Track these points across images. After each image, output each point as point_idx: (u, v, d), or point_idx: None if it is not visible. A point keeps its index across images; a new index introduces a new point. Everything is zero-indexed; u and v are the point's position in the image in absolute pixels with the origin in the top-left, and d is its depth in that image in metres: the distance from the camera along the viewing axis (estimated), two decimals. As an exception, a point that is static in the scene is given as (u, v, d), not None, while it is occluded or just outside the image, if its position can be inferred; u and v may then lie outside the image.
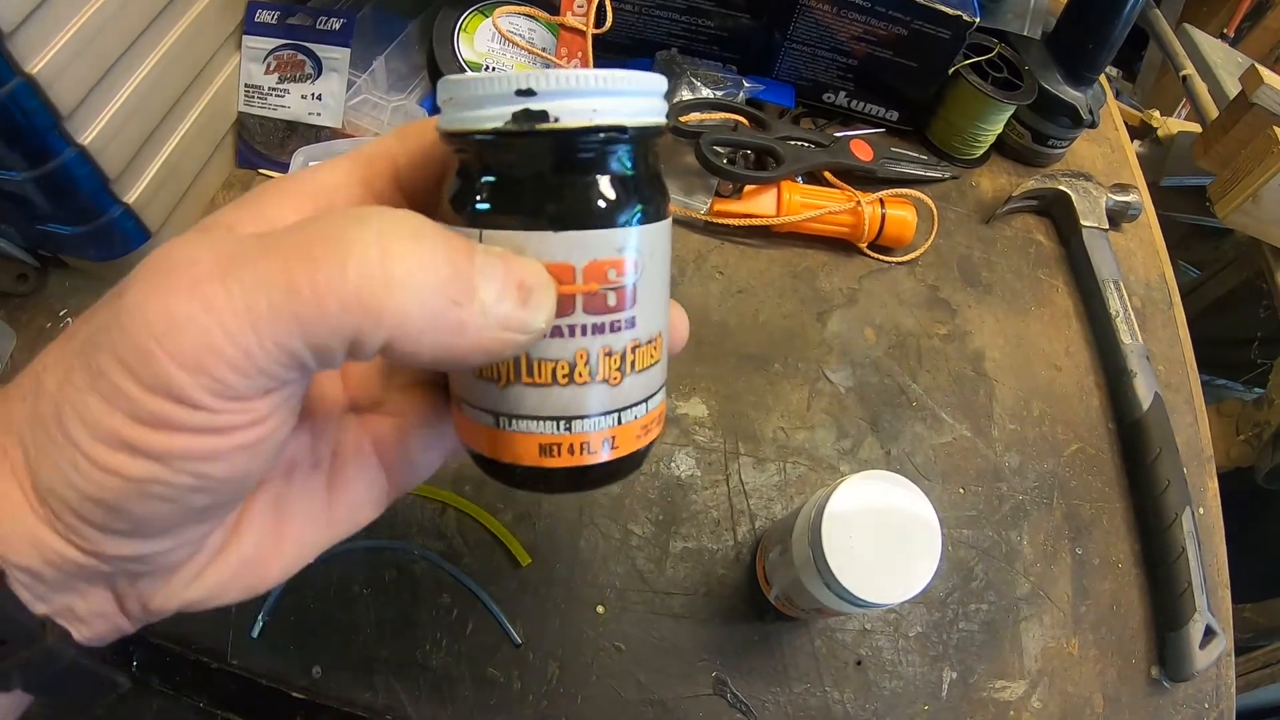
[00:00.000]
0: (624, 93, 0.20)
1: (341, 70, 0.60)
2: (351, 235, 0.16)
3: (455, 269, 0.17)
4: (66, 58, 0.45)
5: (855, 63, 0.65)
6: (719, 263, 0.61)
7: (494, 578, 0.50)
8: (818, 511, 0.43)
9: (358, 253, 0.16)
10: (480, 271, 0.17)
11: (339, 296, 0.16)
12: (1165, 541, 0.57)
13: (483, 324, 0.17)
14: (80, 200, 0.53)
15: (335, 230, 0.16)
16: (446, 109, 0.21)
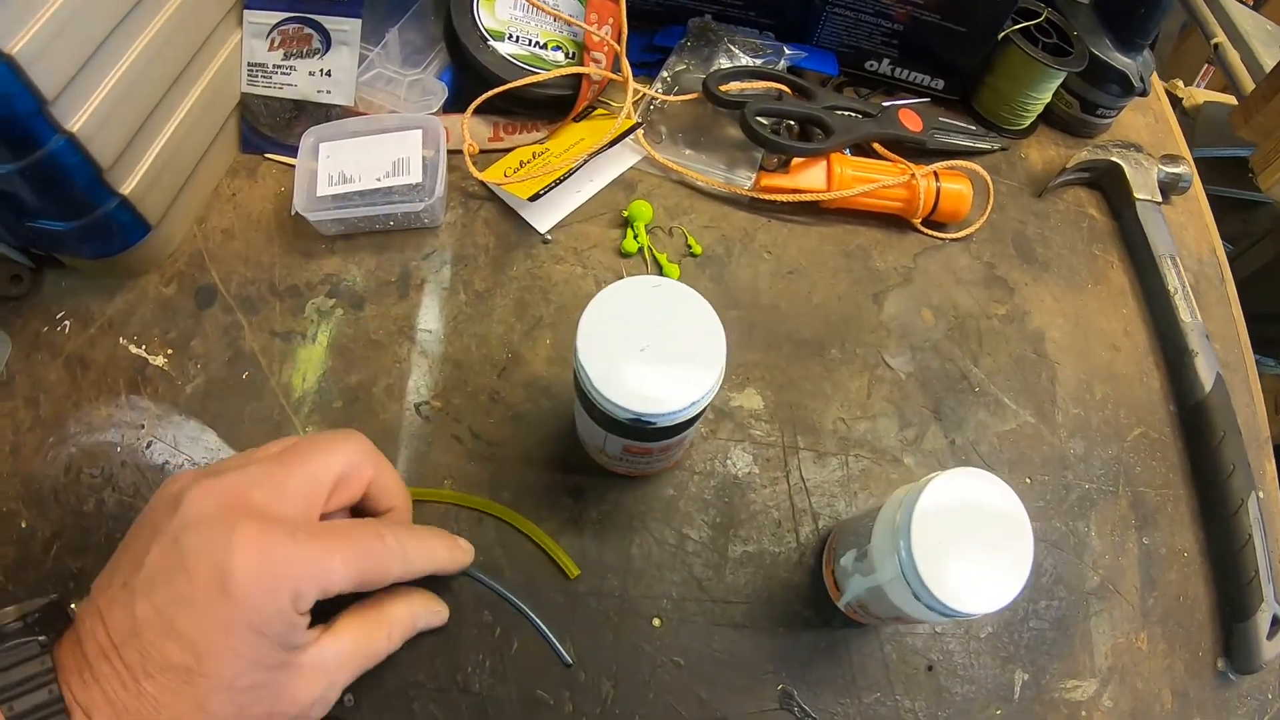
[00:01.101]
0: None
1: (352, 44, 0.55)
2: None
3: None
4: (48, 35, 0.41)
5: (900, 28, 0.61)
6: (767, 241, 0.57)
7: (540, 592, 0.46)
8: (904, 515, 0.39)
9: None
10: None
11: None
12: (1231, 529, 0.54)
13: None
14: (72, 192, 0.48)
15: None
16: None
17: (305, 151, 0.54)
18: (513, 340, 0.52)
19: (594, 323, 0.38)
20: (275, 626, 0.32)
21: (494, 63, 0.54)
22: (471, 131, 0.55)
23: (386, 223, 0.54)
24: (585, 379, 0.38)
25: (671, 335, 0.38)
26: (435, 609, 0.43)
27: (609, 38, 0.55)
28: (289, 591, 0.32)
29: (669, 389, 0.37)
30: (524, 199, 0.52)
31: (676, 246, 0.56)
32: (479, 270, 0.54)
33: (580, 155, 0.53)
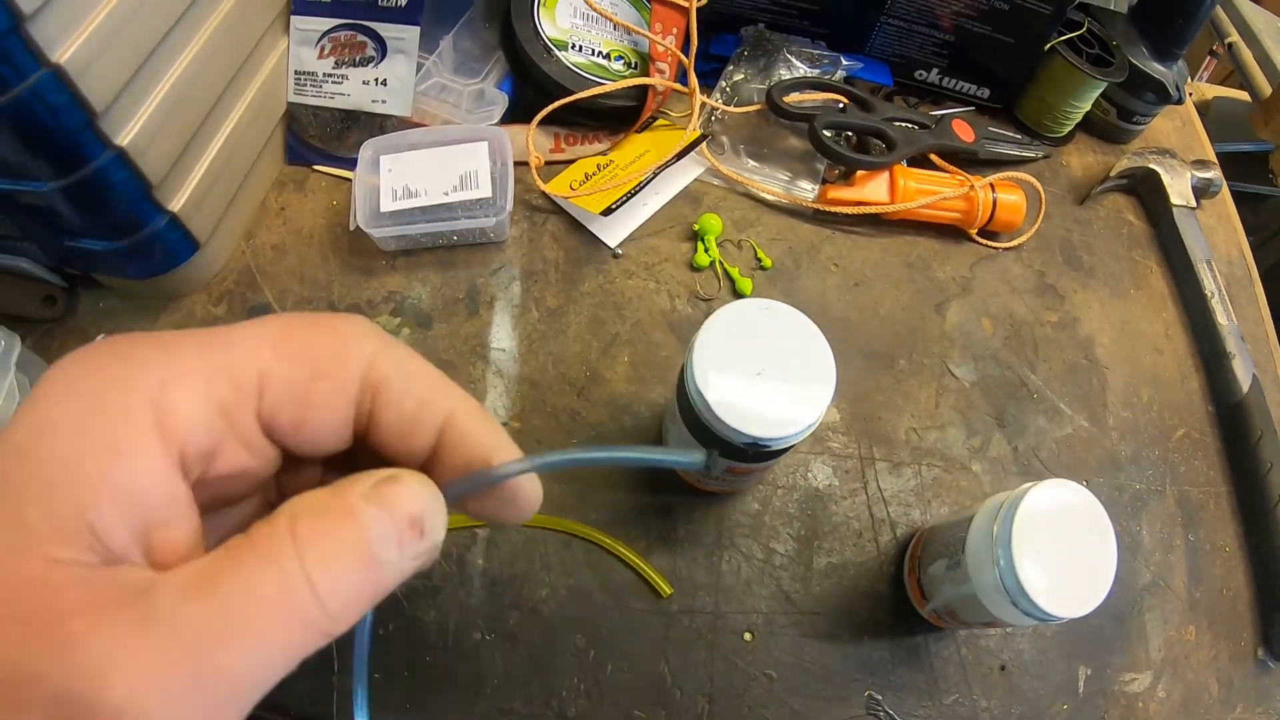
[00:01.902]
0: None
1: (410, 52, 0.53)
2: (297, 603, 0.17)
3: (362, 562, 0.18)
4: (99, 43, 0.39)
5: (951, 39, 0.61)
6: (833, 254, 0.57)
7: (633, 612, 0.46)
8: (1003, 527, 0.40)
9: (306, 612, 0.17)
10: (377, 544, 0.18)
11: (301, 644, 0.17)
12: (1270, 524, 0.57)
13: (397, 574, 0.18)
14: (119, 211, 0.46)
15: (280, 598, 0.17)
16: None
17: (364, 164, 0.52)
18: (590, 358, 0.51)
19: (708, 347, 0.38)
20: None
21: (559, 73, 0.53)
22: (534, 142, 0.54)
23: (450, 238, 0.53)
24: (703, 405, 0.38)
25: (782, 357, 0.39)
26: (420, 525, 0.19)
27: (674, 47, 0.54)
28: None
29: (786, 412, 0.37)
30: (595, 213, 0.51)
31: (746, 259, 0.56)
32: (550, 286, 0.53)
33: (649, 168, 0.52)
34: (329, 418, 0.20)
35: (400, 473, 0.19)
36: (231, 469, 0.20)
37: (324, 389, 0.20)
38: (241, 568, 0.17)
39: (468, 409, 0.21)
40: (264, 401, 0.19)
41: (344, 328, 0.20)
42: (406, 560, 0.18)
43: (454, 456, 0.21)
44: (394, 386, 0.20)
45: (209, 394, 0.18)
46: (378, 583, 0.18)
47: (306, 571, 0.17)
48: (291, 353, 0.20)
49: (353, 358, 0.20)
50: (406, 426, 0.20)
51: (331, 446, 0.21)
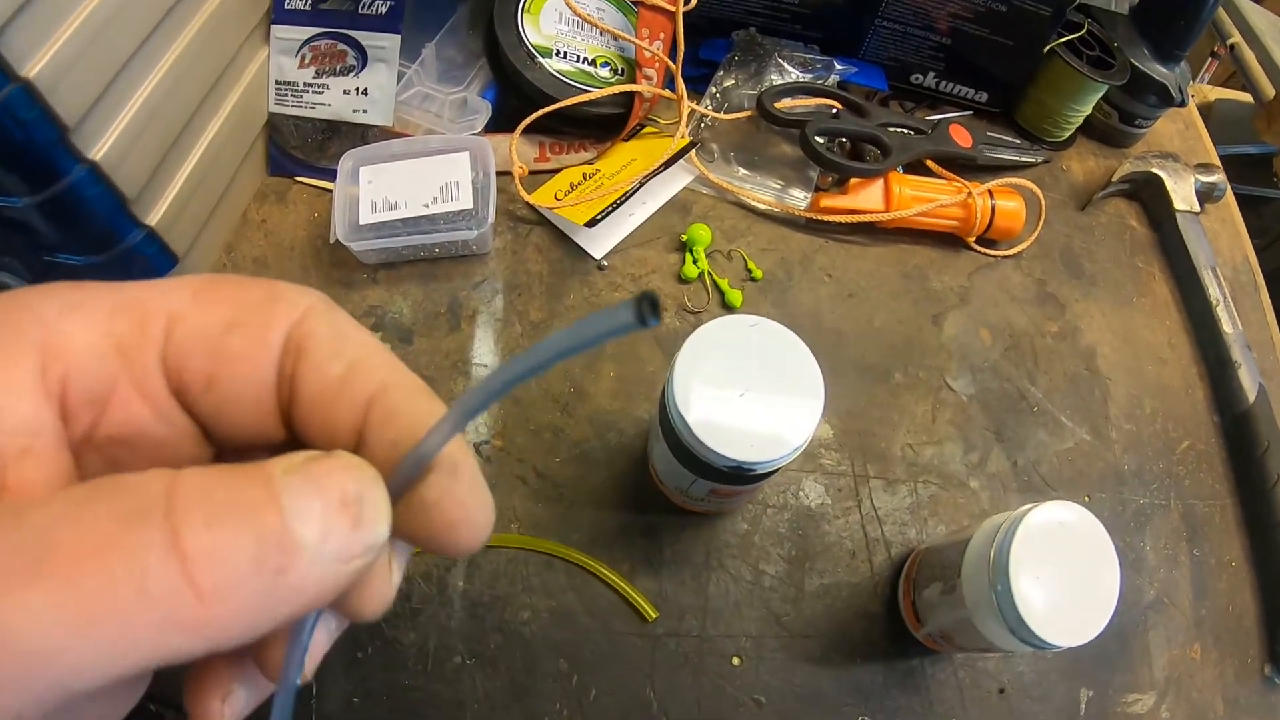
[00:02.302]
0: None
1: (391, 60, 0.52)
2: (138, 542, 0.12)
3: (263, 531, 0.13)
4: (69, 57, 0.38)
5: (948, 42, 0.60)
6: (826, 263, 0.56)
7: (618, 636, 0.45)
8: (1000, 552, 0.39)
9: (155, 570, 0.12)
10: (292, 514, 0.13)
11: (142, 627, 0.12)
12: (1277, 538, 0.55)
13: (318, 573, 0.13)
14: (94, 226, 0.45)
15: (115, 534, 0.12)
16: None
17: (344, 175, 0.51)
18: (574, 374, 0.50)
19: (690, 366, 0.37)
20: None
21: (543, 81, 0.52)
22: (518, 152, 0.53)
23: (432, 250, 0.52)
24: (683, 427, 0.36)
25: (768, 376, 0.37)
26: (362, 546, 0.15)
27: (661, 53, 0.53)
28: None
29: (770, 436, 0.36)
30: (580, 224, 0.50)
31: (736, 270, 0.54)
32: (533, 299, 0.52)
33: (635, 177, 0.51)
34: (244, 375, 0.16)
35: (336, 450, 0.15)
36: (130, 427, 0.16)
37: (240, 339, 0.16)
38: (71, 499, 0.12)
39: (404, 381, 0.17)
40: (170, 345, 0.16)
41: (282, 286, 0.17)
42: (331, 556, 0.13)
43: (381, 436, 0.16)
44: (320, 346, 0.17)
45: (108, 327, 0.16)
46: (284, 574, 0.13)
47: (173, 522, 0.12)
48: (212, 299, 0.17)
49: (280, 312, 0.17)
50: (329, 397, 0.17)
51: (253, 424, 0.17)
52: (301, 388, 0.17)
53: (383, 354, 0.17)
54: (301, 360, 0.17)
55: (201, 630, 0.12)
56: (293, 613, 0.13)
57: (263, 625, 0.13)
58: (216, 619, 0.12)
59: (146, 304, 0.16)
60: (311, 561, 0.13)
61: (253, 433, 0.17)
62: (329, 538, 0.13)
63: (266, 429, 0.17)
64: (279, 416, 0.17)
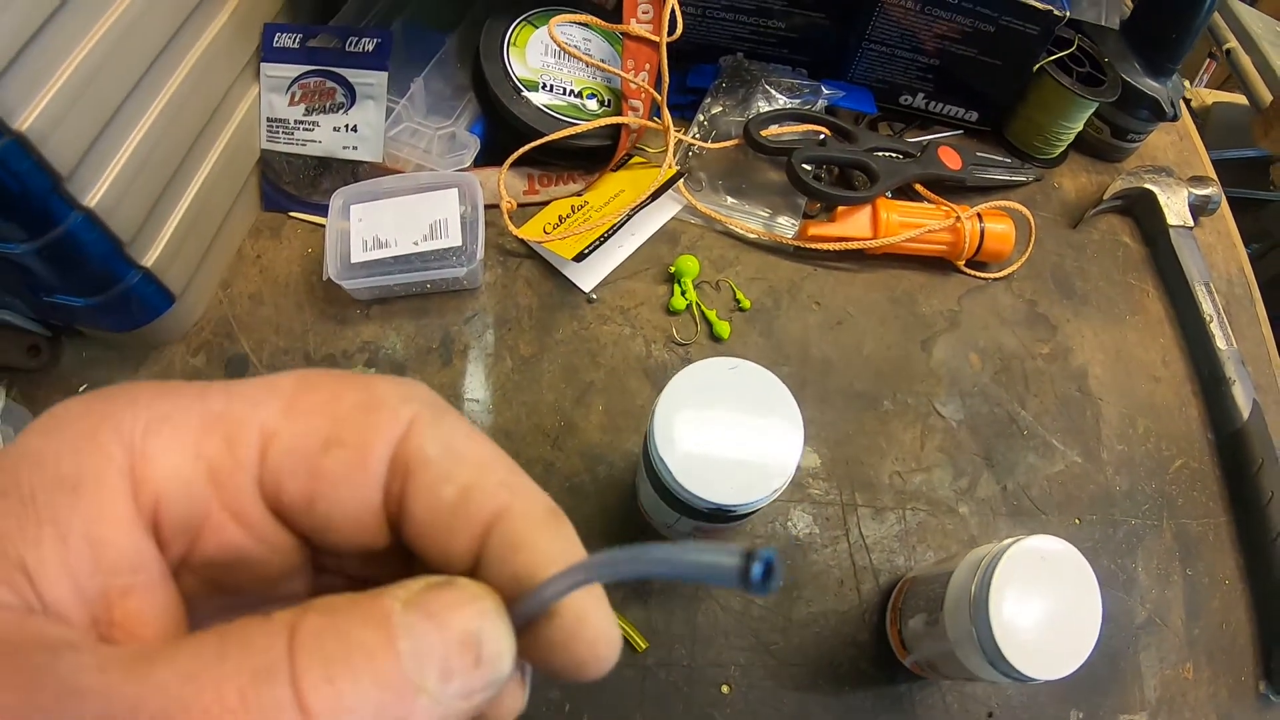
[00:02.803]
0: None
1: (379, 97, 0.53)
2: (268, 703, 0.12)
3: (381, 679, 0.13)
4: (61, 108, 0.38)
5: (936, 63, 0.60)
6: (814, 291, 0.56)
7: (609, 665, 0.45)
8: (980, 588, 0.39)
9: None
10: (410, 658, 0.13)
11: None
12: (1271, 555, 0.55)
13: (440, 714, 0.13)
14: (91, 269, 0.46)
15: (246, 695, 0.12)
16: None
17: (335, 213, 0.52)
18: (564, 407, 0.51)
19: (672, 409, 0.37)
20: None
21: (530, 115, 0.53)
22: (506, 185, 0.54)
23: (424, 286, 0.53)
24: (665, 471, 0.37)
25: (749, 419, 0.38)
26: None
27: (646, 84, 0.53)
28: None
29: (751, 478, 0.37)
30: (568, 259, 0.51)
31: (724, 301, 0.55)
32: (524, 334, 0.53)
33: (623, 209, 0.51)
34: (348, 498, 0.15)
35: (458, 579, 0.14)
36: (227, 552, 0.15)
37: (339, 460, 0.15)
38: (198, 655, 0.12)
39: (525, 507, 0.16)
40: (266, 467, 0.15)
41: (382, 388, 0.16)
42: (453, 695, 0.13)
43: (501, 570, 0.15)
44: (431, 467, 0.15)
45: (196, 449, 0.15)
46: (408, 718, 0.13)
47: (295, 678, 0.12)
48: (306, 409, 0.15)
49: (382, 424, 0.15)
50: (443, 523, 0.15)
51: (359, 539, 0.16)
52: (412, 512, 0.16)
53: (500, 471, 0.16)
54: (410, 483, 0.15)
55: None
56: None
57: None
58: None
59: (236, 418, 0.15)
60: (433, 704, 0.13)
61: (359, 545, 0.16)
62: (450, 678, 0.13)
63: (374, 541, 0.16)
64: (387, 529, 0.16)
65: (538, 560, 0.15)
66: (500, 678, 0.14)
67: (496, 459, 0.16)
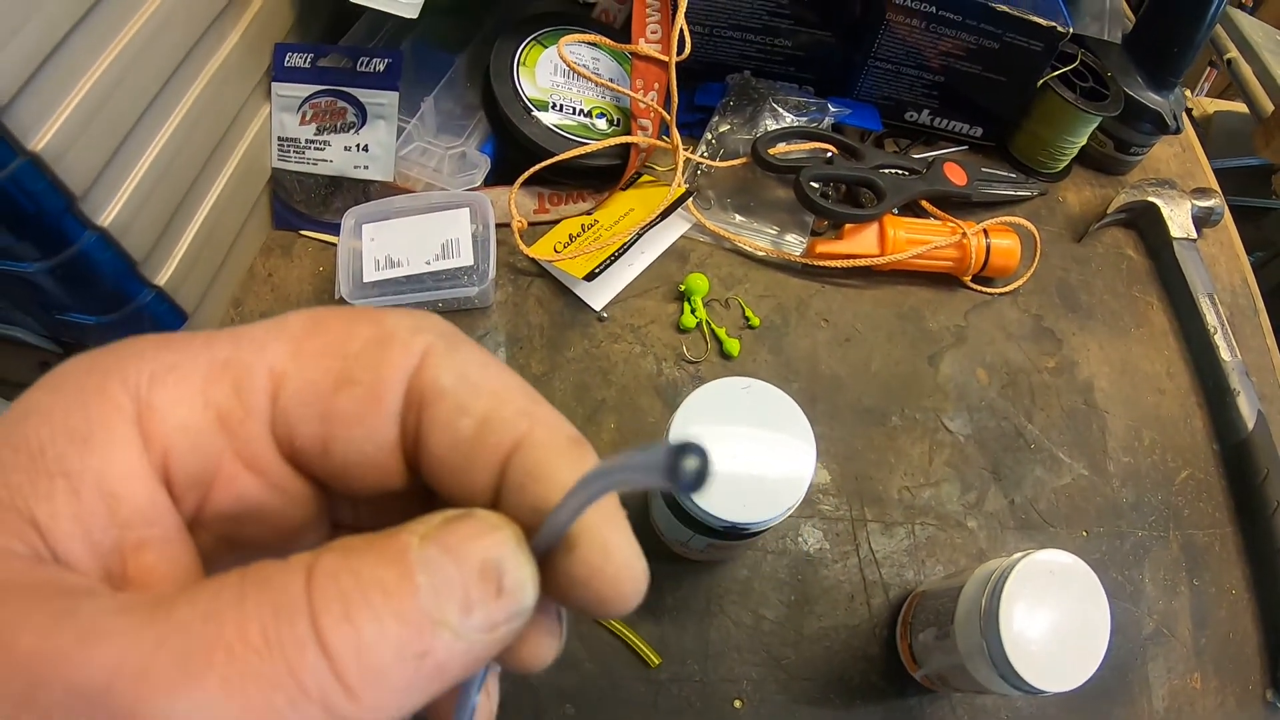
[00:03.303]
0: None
1: (390, 117, 0.53)
2: (290, 639, 0.12)
3: (401, 615, 0.12)
4: (74, 129, 0.39)
5: (941, 79, 0.60)
6: (822, 308, 0.56)
7: (621, 682, 0.46)
8: (991, 602, 0.40)
9: (309, 669, 0.12)
10: (429, 592, 0.12)
11: (307, 717, 0.12)
12: (1277, 564, 0.56)
13: (463, 648, 0.13)
14: (104, 288, 0.46)
15: (268, 632, 0.12)
16: None
17: (347, 232, 0.52)
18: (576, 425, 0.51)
19: (685, 430, 0.38)
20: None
21: (540, 134, 0.53)
22: (517, 204, 0.54)
23: (436, 305, 0.53)
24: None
25: (761, 439, 0.38)
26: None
27: (655, 104, 0.54)
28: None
29: (763, 497, 0.37)
30: (578, 277, 0.51)
31: (734, 318, 0.55)
32: (535, 352, 0.53)
33: (632, 228, 0.52)
34: (363, 438, 0.15)
35: (474, 510, 0.14)
36: (242, 503, 0.15)
37: (352, 399, 0.15)
38: (218, 596, 0.12)
39: (547, 434, 0.15)
40: (277, 412, 0.15)
41: (393, 320, 0.15)
42: (475, 628, 0.13)
43: (521, 502, 0.15)
44: (446, 399, 0.15)
45: (204, 398, 0.14)
46: (429, 655, 0.12)
47: (314, 617, 0.12)
48: (316, 350, 0.15)
49: (395, 358, 0.15)
50: (461, 456, 0.15)
51: (376, 480, 0.16)
52: (429, 447, 0.15)
53: (518, 399, 0.15)
54: (425, 417, 0.15)
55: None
56: (444, 688, 0.13)
57: (416, 703, 0.13)
58: (367, 710, 0.12)
59: (244, 364, 0.14)
60: (455, 638, 0.13)
61: (377, 487, 0.16)
62: (471, 611, 0.13)
63: (391, 482, 0.16)
64: (405, 467, 0.16)
65: (557, 490, 0.14)
66: (524, 609, 0.13)
67: (515, 387, 0.15)
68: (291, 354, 0.15)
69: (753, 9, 0.56)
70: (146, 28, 0.42)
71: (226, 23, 0.49)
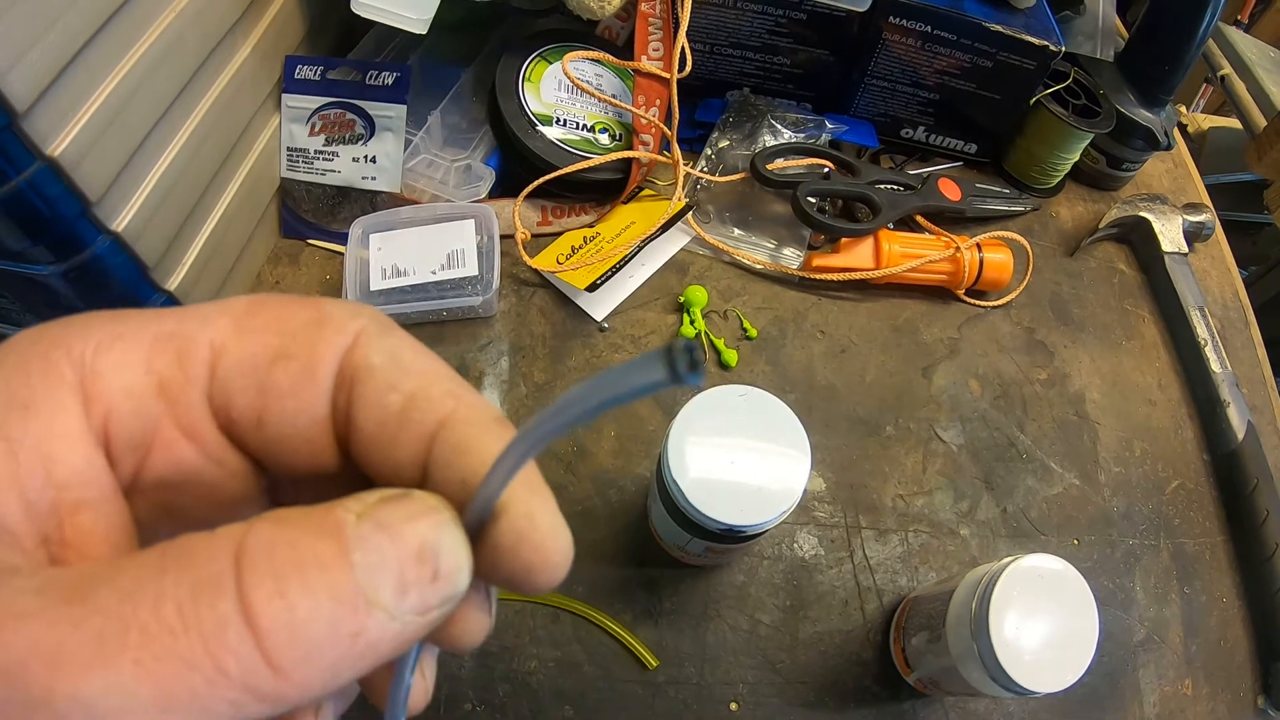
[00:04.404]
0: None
1: (398, 129, 0.55)
2: (212, 618, 0.11)
3: (336, 592, 0.12)
4: (91, 135, 0.40)
5: (936, 97, 0.62)
6: (819, 320, 0.58)
7: (619, 684, 0.47)
8: (981, 605, 0.41)
9: (231, 648, 0.11)
10: (365, 571, 0.12)
11: (220, 703, 0.11)
12: (1267, 573, 0.57)
13: (396, 629, 0.13)
14: (116, 292, 0.47)
15: (189, 611, 0.11)
16: None
17: (354, 242, 0.54)
18: (576, 433, 0.52)
19: (684, 435, 0.39)
20: None
21: (544, 148, 0.54)
22: (521, 217, 0.55)
23: (440, 314, 0.54)
24: (678, 493, 0.38)
25: (758, 444, 0.39)
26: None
27: (657, 119, 0.55)
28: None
29: (760, 500, 0.38)
30: (580, 288, 0.52)
31: (732, 330, 0.56)
32: (537, 361, 0.54)
33: (633, 240, 0.53)
34: (295, 411, 0.15)
35: (413, 490, 0.14)
36: (178, 470, 0.16)
37: (287, 372, 0.15)
38: (138, 571, 0.12)
39: (469, 414, 0.15)
40: (215, 383, 0.15)
41: (330, 306, 0.16)
42: (409, 610, 0.13)
43: (447, 476, 0.15)
44: (376, 376, 0.15)
45: (148, 364, 0.15)
46: (361, 635, 0.12)
47: (242, 592, 0.11)
48: (256, 326, 0.16)
49: (330, 337, 0.16)
50: (389, 432, 0.15)
51: (309, 457, 0.16)
52: (358, 423, 0.15)
53: (445, 381, 0.16)
54: (356, 393, 0.15)
55: (280, 700, 0.12)
56: (372, 667, 0.13)
57: (343, 681, 0.13)
58: (294, 688, 0.12)
59: (187, 336, 0.15)
60: (389, 619, 0.13)
61: (309, 465, 0.16)
62: (406, 592, 0.13)
63: (324, 461, 0.16)
64: (337, 448, 0.16)
65: (483, 463, 0.14)
66: (457, 593, 0.14)
67: (442, 370, 0.16)
68: (233, 329, 0.15)
69: (753, 28, 0.58)
70: (163, 38, 0.43)
71: (239, 35, 0.51)
